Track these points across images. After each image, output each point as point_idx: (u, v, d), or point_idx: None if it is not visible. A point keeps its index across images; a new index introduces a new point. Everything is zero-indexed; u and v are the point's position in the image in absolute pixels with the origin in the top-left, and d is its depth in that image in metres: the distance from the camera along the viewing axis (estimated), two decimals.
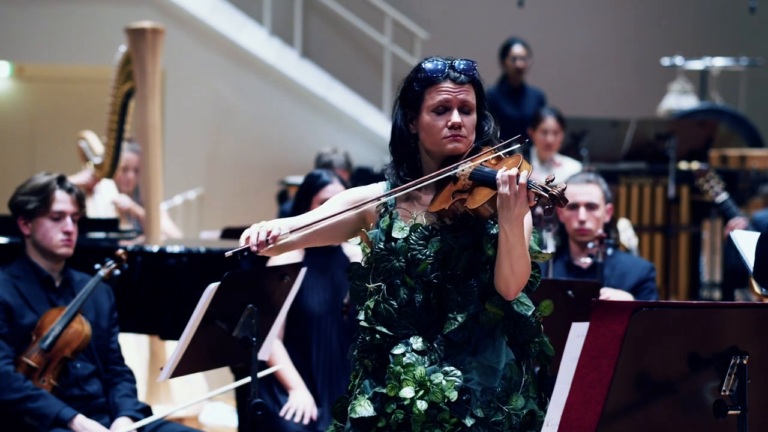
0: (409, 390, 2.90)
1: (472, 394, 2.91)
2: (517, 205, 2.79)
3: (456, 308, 2.92)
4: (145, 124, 5.67)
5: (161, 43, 5.67)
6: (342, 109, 9.74)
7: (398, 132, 3.04)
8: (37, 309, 4.12)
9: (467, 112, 2.97)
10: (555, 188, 2.77)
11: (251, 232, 2.93)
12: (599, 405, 2.27)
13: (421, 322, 2.95)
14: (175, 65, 9.11)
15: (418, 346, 2.93)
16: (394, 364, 2.92)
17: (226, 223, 8.06)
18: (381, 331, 2.96)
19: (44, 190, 4.15)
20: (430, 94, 2.97)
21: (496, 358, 2.94)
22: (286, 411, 4.47)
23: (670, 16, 11.30)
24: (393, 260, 2.96)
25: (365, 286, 3.02)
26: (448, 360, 2.93)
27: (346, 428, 3.02)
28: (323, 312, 4.65)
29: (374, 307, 2.98)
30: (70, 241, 4.18)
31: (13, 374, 3.98)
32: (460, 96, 2.96)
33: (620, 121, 8.35)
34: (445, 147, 2.96)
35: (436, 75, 2.96)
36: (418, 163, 3.03)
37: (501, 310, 2.94)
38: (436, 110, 2.96)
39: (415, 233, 2.96)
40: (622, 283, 4.74)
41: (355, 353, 3.06)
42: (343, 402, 3.07)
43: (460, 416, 2.89)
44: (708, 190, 6.84)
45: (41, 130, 10.87)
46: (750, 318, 2.41)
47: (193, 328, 3.62)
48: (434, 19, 10.79)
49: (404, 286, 2.96)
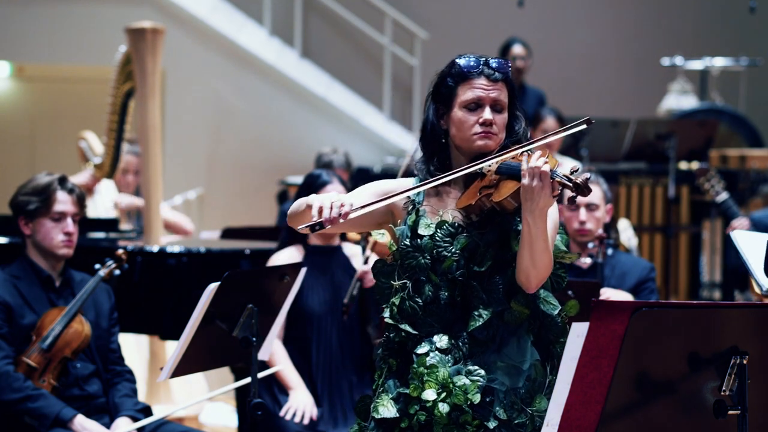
0: (431, 392, 2.88)
1: (495, 395, 2.89)
2: (541, 197, 2.78)
3: (481, 305, 2.91)
4: (145, 124, 5.67)
5: (161, 43, 5.67)
6: (342, 109, 9.74)
7: (429, 126, 3.03)
8: (37, 309, 4.12)
9: (499, 110, 2.97)
10: (579, 177, 2.77)
11: (323, 204, 2.83)
12: (599, 405, 2.27)
13: (446, 319, 2.94)
14: (175, 65, 9.10)
15: (442, 345, 2.92)
16: (418, 365, 2.91)
17: (226, 223, 8.06)
18: (405, 330, 2.95)
19: (45, 190, 4.15)
20: (463, 89, 2.96)
21: (521, 357, 2.93)
22: (286, 411, 4.47)
23: (670, 16, 11.30)
24: (418, 257, 2.95)
25: (390, 283, 3.00)
26: (472, 358, 2.92)
27: (369, 428, 3.00)
28: (323, 312, 4.65)
29: (399, 304, 2.97)
30: (70, 242, 4.18)
31: (13, 374, 3.98)
32: (493, 93, 2.95)
33: (620, 121, 8.35)
34: (474, 143, 2.95)
35: (470, 71, 2.96)
36: (447, 160, 3.02)
37: (527, 309, 2.93)
38: (468, 106, 2.95)
39: (440, 230, 2.95)
40: (622, 283, 4.74)
41: (379, 351, 3.05)
42: (366, 401, 3.05)
43: (482, 419, 2.88)
44: (709, 190, 6.84)
45: (41, 130, 10.86)
46: (750, 318, 2.41)
47: (193, 328, 3.62)
48: (434, 19, 10.79)
49: (429, 283, 2.95)
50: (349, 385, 4.65)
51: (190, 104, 9.43)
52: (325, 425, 4.53)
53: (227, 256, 5.26)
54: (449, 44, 10.49)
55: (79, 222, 4.26)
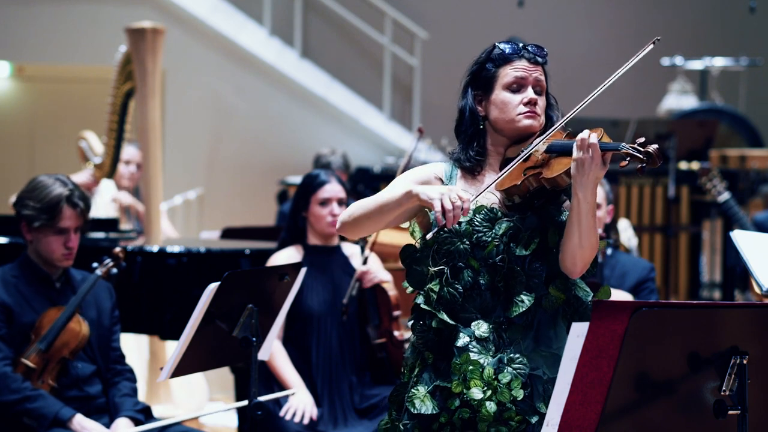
0: (477, 391, 2.86)
1: (534, 388, 2.89)
2: (592, 168, 2.78)
3: (523, 290, 2.90)
4: (145, 124, 5.67)
5: (161, 43, 5.67)
6: (342, 109, 9.74)
7: (468, 112, 3.02)
8: (37, 309, 4.11)
9: (539, 92, 2.99)
10: (649, 146, 2.76)
11: (445, 203, 2.77)
12: (599, 405, 2.27)
13: (485, 305, 2.92)
14: (175, 65, 9.10)
15: (481, 332, 2.90)
16: (460, 361, 2.89)
17: (226, 223, 8.06)
18: (443, 319, 2.91)
19: (53, 207, 4.08)
20: (505, 71, 2.97)
21: (558, 343, 2.93)
22: (286, 411, 4.47)
23: (669, 16, 11.30)
24: (457, 242, 2.92)
25: (426, 270, 2.97)
26: (511, 346, 2.91)
27: (403, 420, 2.97)
28: (323, 312, 4.65)
29: (438, 291, 2.93)
30: (70, 255, 4.16)
31: (11, 375, 3.98)
32: (535, 75, 2.97)
33: (620, 121, 8.35)
34: (520, 123, 2.95)
35: (511, 53, 2.97)
36: (485, 145, 3.01)
37: (563, 294, 2.93)
38: (511, 87, 2.96)
39: (479, 215, 2.93)
40: (622, 283, 4.74)
41: (413, 339, 3.01)
42: (401, 390, 3.02)
43: (525, 414, 2.87)
44: (710, 190, 6.85)
45: (41, 130, 10.87)
46: (750, 318, 2.41)
47: (193, 328, 3.62)
48: (434, 19, 10.79)
49: (468, 269, 2.92)
50: (349, 385, 4.65)
51: (190, 104, 9.43)
52: (325, 425, 4.52)
53: (227, 256, 5.25)
54: (449, 44, 10.50)
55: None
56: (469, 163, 2.99)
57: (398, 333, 4.72)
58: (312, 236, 4.71)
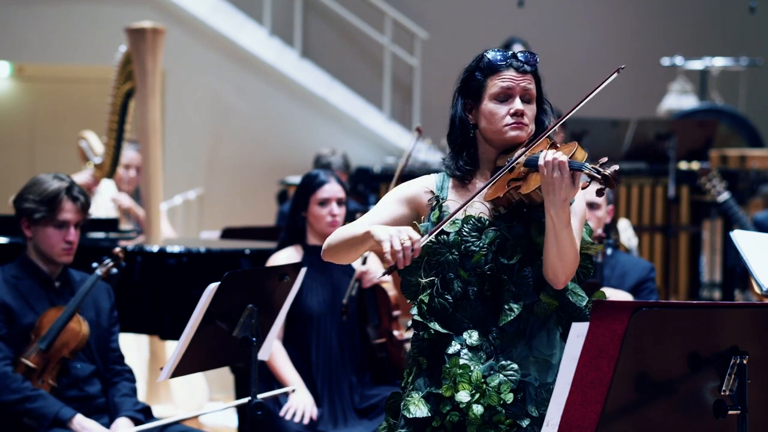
0: (464, 394, 2.88)
1: (526, 392, 2.90)
2: (561, 188, 2.78)
3: (512, 299, 2.90)
4: (145, 124, 5.67)
5: (161, 43, 5.67)
6: (342, 109, 9.73)
7: (458, 121, 3.02)
8: (37, 309, 4.11)
9: (528, 101, 2.98)
10: (607, 169, 2.75)
11: (394, 244, 2.79)
12: (599, 405, 2.27)
13: (476, 314, 2.93)
14: (175, 65, 9.10)
15: (472, 341, 2.91)
16: (450, 365, 2.91)
17: (226, 223, 8.06)
18: (434, 329, 2.93)
19: (53, 200, 4.11)
20: (492, 81, 2.97)
21: (551, 350, 2.93)
22: (286, 411, 4.47)
23: (670, 16, 11.30)
24: (446, 253, 2.94)
25: (417, 281, 2.99)
26: (503, 353, 2.92)
27: (399, 425, 3.00)
28: (323, 312, 4.65)
29: (429, 302, 2.95)
30: (71, 250, 4.17)
31: (11, 375, 3.98)
32: (523, 84, 2.96)
33: (620, 121, 8.35)
34: (506, 134, 2.95)
35: (499, 63, 2.97)
36: (476, 153, 3.02)
37: (555, 300, 2.93)
38: (498, 98, 2.96)
39: (467, 225, 2.95)
40: (622, 283, 4.74)
41: (409, 350, 3.04)
42: (396, 398, 3.05)
43: (515, 417, 2.88)
44: (710, 190, 6.85)
45: (41, 130, 10.86)
46: (750, 318, 2.41)
47: (193, 328, 3.62)
48: (434, 19, 10.79)
49: (458, 279, 2.94)
50: (349, 385, 4.65)
51: (190, 104, 9.43)
52: (325, 425, 4.52)
53: (227, 256, 5.25)
54: (449, 44, 10.50)
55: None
56: (460, 172, 3.01)
57: (398, 333, 4.72)
58: (311, 236, 4.71)
